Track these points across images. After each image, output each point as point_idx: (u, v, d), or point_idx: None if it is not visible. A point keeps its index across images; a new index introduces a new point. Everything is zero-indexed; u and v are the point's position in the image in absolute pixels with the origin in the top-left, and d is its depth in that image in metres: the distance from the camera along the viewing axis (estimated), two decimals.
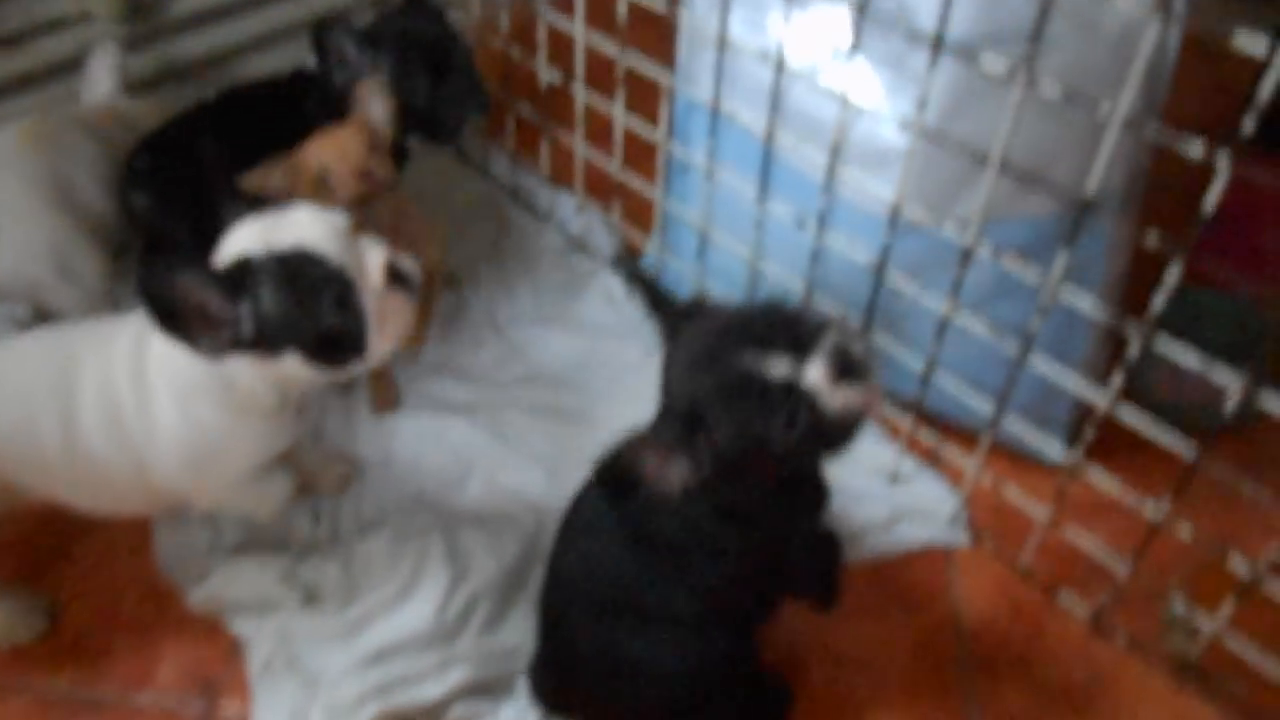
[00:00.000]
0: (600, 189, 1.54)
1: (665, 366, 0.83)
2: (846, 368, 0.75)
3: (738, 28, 1.15)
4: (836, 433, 0.78)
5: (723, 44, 1.15)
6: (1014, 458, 1.23)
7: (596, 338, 1.42)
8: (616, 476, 0.77)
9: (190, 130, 1.31)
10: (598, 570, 0.93)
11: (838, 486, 1.20)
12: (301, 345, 0.90)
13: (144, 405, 0.96)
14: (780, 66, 1.09)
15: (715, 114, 1.20)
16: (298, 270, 0.88)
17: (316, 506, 1.19)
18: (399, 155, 1.41)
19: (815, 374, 0.75)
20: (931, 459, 1.25)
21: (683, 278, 1.42)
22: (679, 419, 0.78)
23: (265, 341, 0.89)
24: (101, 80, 1.40)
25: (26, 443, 0.97)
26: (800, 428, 0.76)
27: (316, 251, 0.89)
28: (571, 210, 1.61)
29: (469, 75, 1.35)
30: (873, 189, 1.07)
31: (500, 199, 1.66)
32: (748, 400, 0.76)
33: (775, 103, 1.12)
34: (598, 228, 1.59)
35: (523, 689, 1.03)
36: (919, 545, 1.19)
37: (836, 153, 1.08)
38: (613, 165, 1.43)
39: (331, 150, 1.11)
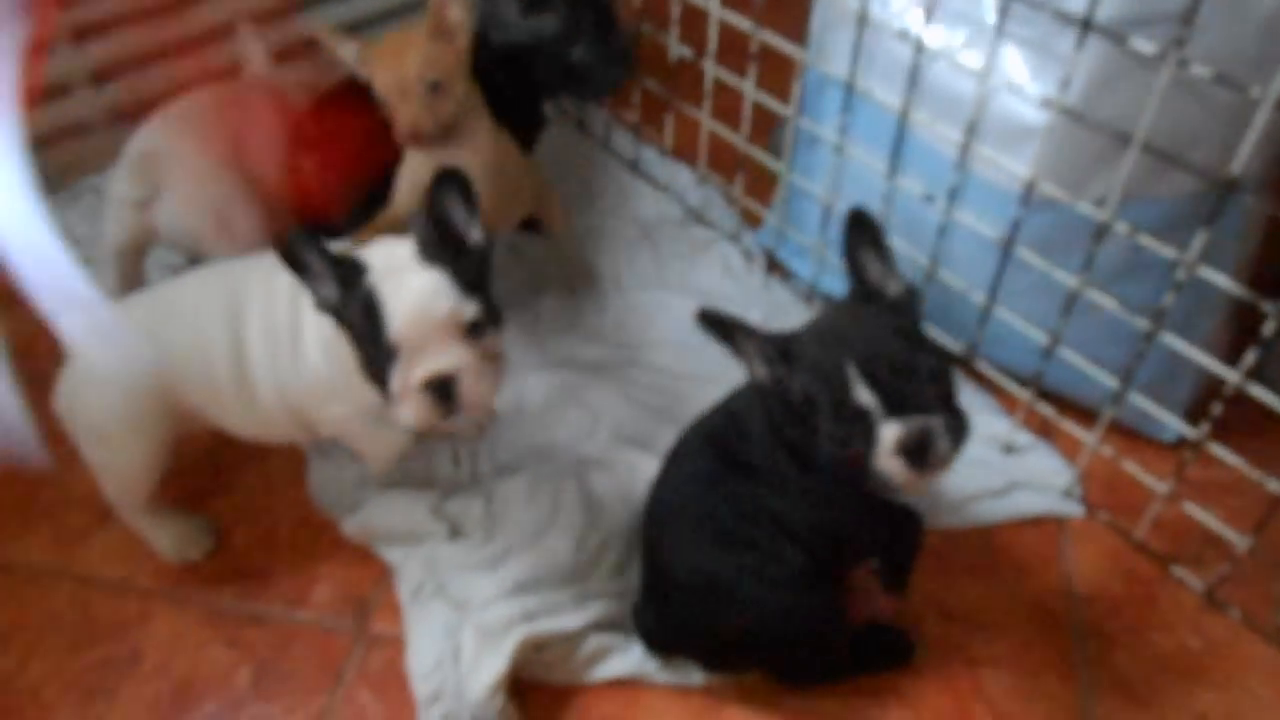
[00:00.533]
0: (721, 162, 1.59)
1: (819, 311, 0.90)
2: (917, 450, 0.82)
3: (877, 6, 1.19)
4: (873, 481, 0.85)
5: (862, 21, 1.19)
6: (1128, 433, 1.26)
7: (715, 305, 1.47)
8: (720, 324, 0.90)
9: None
10: (692, 495, 1.00)
11: None
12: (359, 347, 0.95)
13: (295, 338, 1.04)
14: (920, 46, 1.12)
15: (849, 91, 1.24)
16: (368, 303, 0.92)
17: (456, 450, 1.27)
18: (536, 122, 1.48)
19: (889, 434, 0.82)
20: (1047, 432, 1.29)
21: (802, 251, 1.47)
22: (780, 345, 0.89)
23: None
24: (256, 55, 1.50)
25: (202, 369, 1.06)
26: (843, 455, 0.84)
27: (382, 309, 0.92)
28: (690, 182, 1.66)
29: (624, 37, 1.39)
30: (1008, 165, 1.11)
31: (620, 170, 1.72)
32: (825, 394, 0.84)
33: (913, 80, 1.15)
34: (716, 200, 1.64)
35: None
36: (1032, 514, 1.22)
37: (972, 130, 1.12)
38: (738, 139, 1.47)
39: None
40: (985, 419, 1.29)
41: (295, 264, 0.93)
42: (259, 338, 1.05)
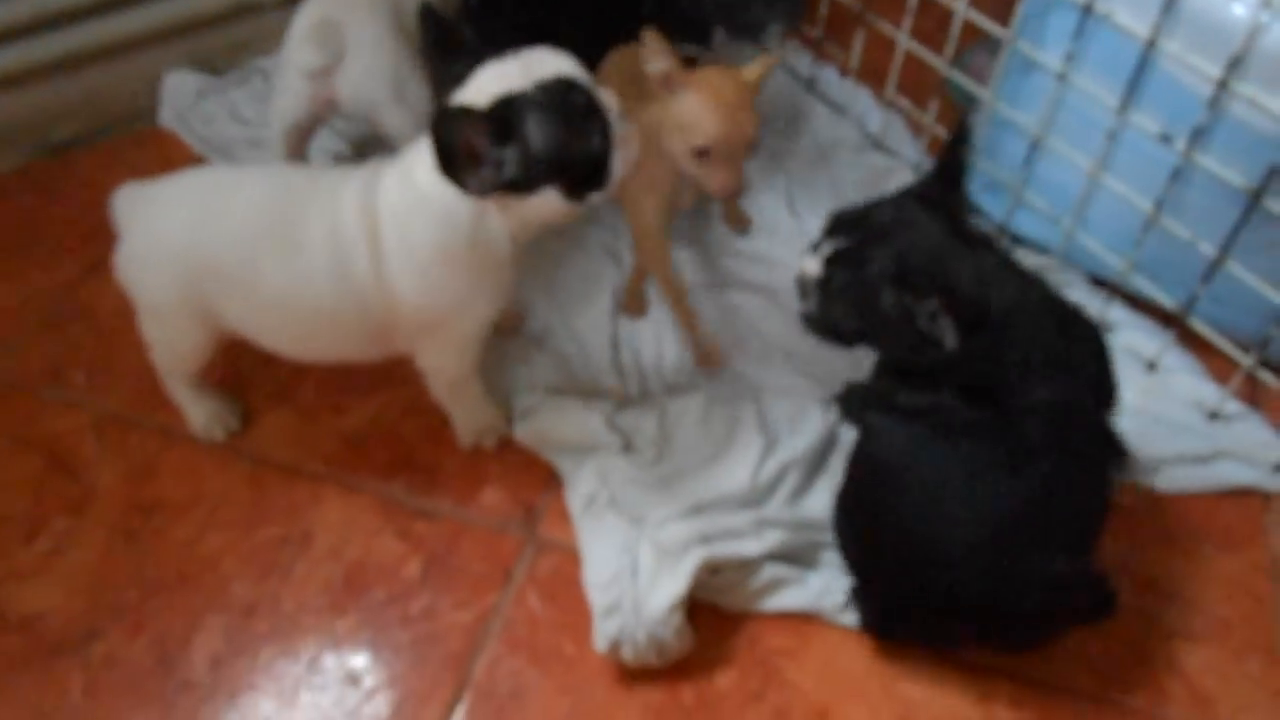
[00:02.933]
0: (908, 86, 1.50)
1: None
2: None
3: None
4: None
5: None
6: None
7: None
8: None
9: None
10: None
11: (1154, 415, 1.18)
12: (565, 175, 0.92)
13: (375, 246, 0.98)
14: None
15: (1086, 13, 1.14)
16: (565, 98, 0.90)
17: (621, 363, 1.24)
18: (703, 35, 1.41)
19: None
20: (1256, 402, 1.20)
21: (994, 186, 1.38)
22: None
23: (529, 178, 0.91)
24: None
25: (248, 281, 1.01)
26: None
27: (576, 79, 0.91)
28: (870, 106, 1.58)
29: None
30: (1272, 107, 1.00)
31: (794, 90, 1.64)
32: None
33: (1169, 5, 1.05)
34: (898, 126, 1.55)
35: (829, 562, 1.06)
36: (1235, 486, 1.14)
37: (1235, 65, 1.02)
38: (939, 61, 1.38)
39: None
40: (1190, 381, 1.20)
41: (502, 126, 0.89)
42: (322, 249, 0.99)
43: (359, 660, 1.01)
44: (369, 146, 1.54)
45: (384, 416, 1.21)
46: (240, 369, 1.23)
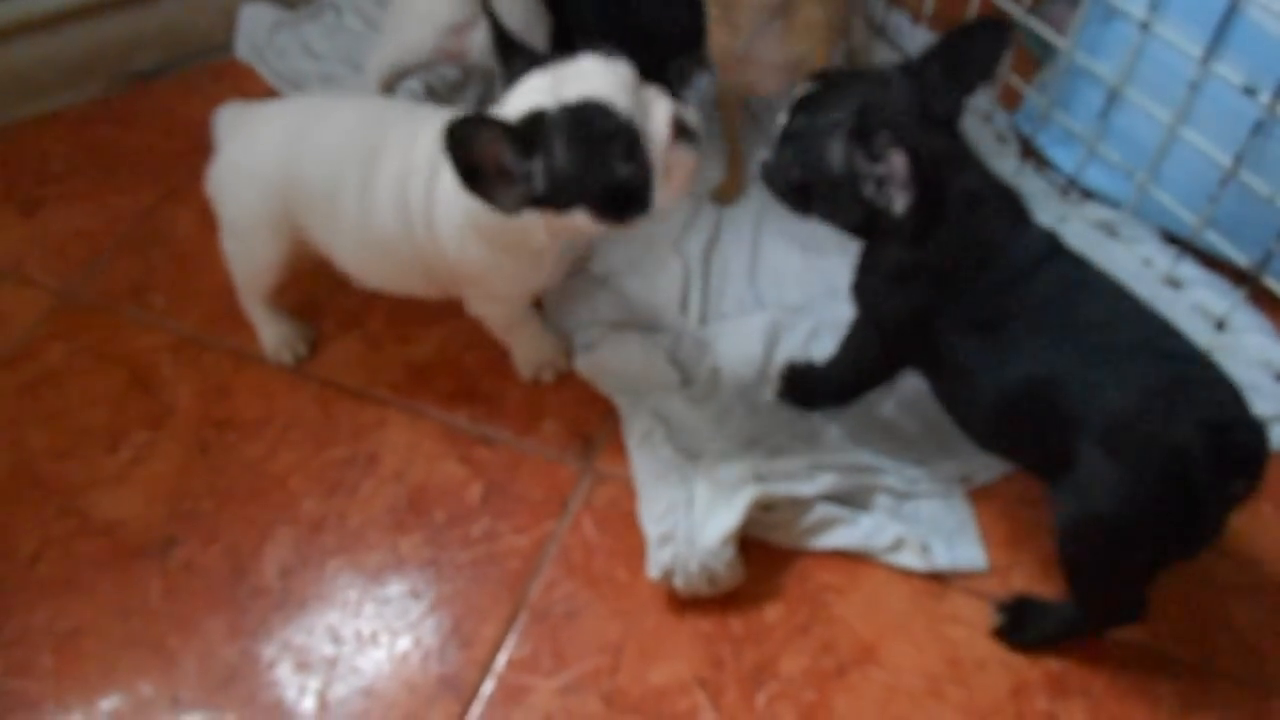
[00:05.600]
0: None
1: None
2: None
3: None
4: None
5: None
6: None
7: None
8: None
9: None
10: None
11: None
12: (590, 200, 0.90)
13: (432, 185, 1.00)
14: None
15: None
16: (588, 122, 0.87)
17: (685, 295, 1.26)
18: None
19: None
20: None
21: (1066, 138, 1.36)
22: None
23: (557, 197, 0.90)
24: None
25: (329, 202, 1.04)
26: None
27: (606, 102, 0.87)
28: None
29: None
30: None
31: (865, 34, 1.62)
32: None
33: None
34: None
35: (880, 505, 1.07)
36: None
37: None
38: (1016, 8, 1.35)
39: None
40: (1260, 341, 1.19)
41: (526, 141, 0.87)
42: (388, 187, 1.01)
43: (421, 577, 1.05)
44: (451, 90, 1.56)
45: (448, 347, 1.24)
46: (314, 296, 1.27)
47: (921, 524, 1.06)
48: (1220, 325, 1.20)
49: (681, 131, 0.91)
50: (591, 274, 1.29)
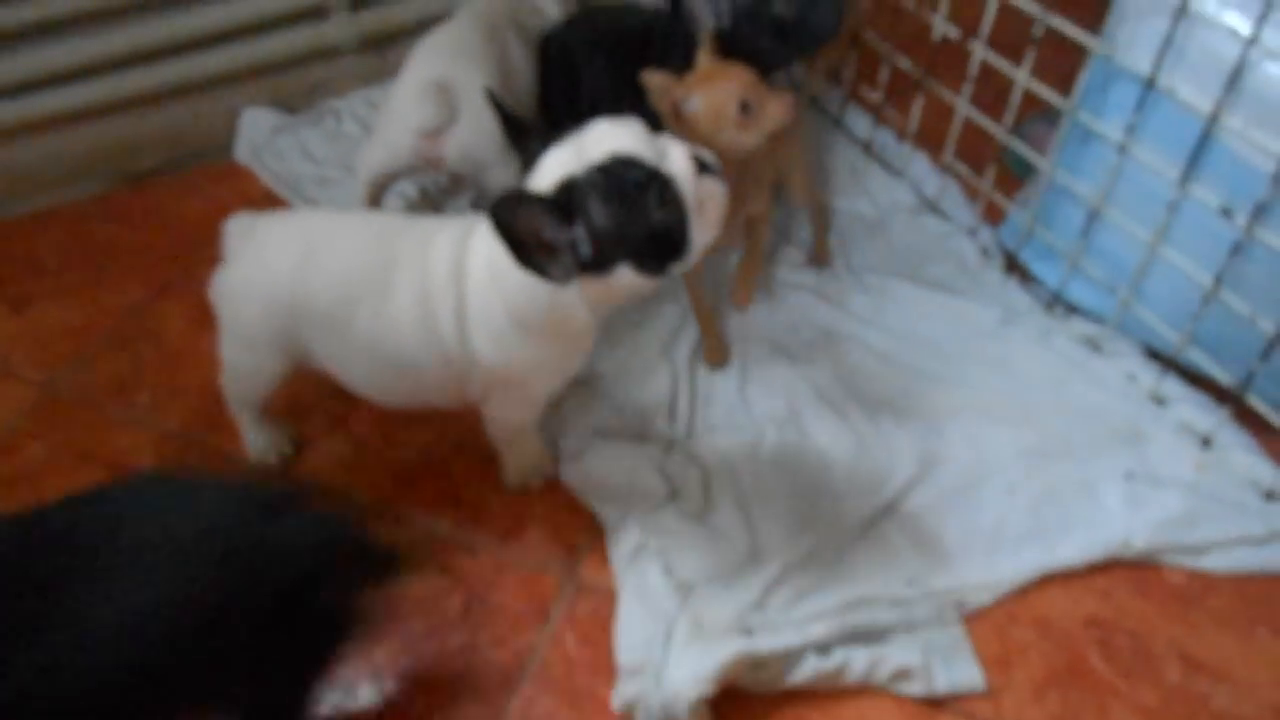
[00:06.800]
0: (965, 152, 1.51)
1: None
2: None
3: None
4: None
5: (1180, 13, 1.10)
6: None
7: (948, 299, 1.40)
8: None
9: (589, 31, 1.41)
10: None
11: (1208, 493, 1.16)
12: (634, 252, 0.90)
13: (461, 297, 0.99)
14: (1251, 41, 1.03)
15: (1149, 87, 1.15)
16: (619, 176, 0.88)
17: (674, 407, 1.25)
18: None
19: None
20: None
21: (1049, 254, 1.38)
22: None
23: (602, 258, 0.90)
24: None
25: (340, 321, 1.02)
26: None
27: (631, 154, 0.89)
28: (926, 171, 1.59)
29: None
30: None
31: (852, 151, 1.67)
32: None
33: (1233, 81, 1.06)
34: (953, 191, 1.56)
35: (875, 638, 1.04)
36: None
37: None
38: (999, 129, 1.40)
39: (749, 85, 1.13)
40: (1247, 460, 1.18)
41: (563, 209, 0.88)
42: (410, 298, 1.00)
43: (397, 691, 1.02)
44: (443, 194, 1.59)
45: (434, 450, 1.23)
46: (299, 397, 1.26)
47: (917, 650, 1.02)
48: (1206, 443, 1.21)
49: (702, 167, 0.93)
50: (579, 379, 1.28)
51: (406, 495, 1.19)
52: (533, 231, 0.87)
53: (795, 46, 1.34)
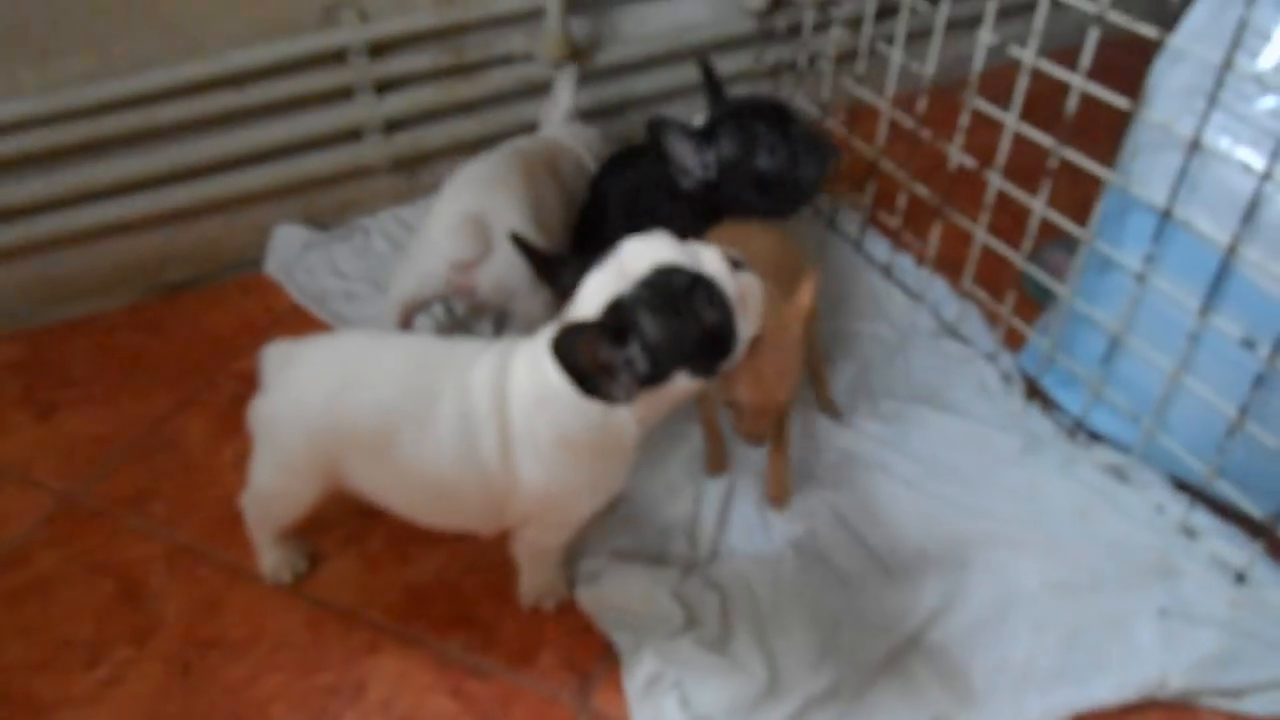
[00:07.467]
0: (984, 278, 1.53)
1: None
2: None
3: (1213, 131, 1.12)
4: None
5: (1194, 148, 1.12)
6: None
7: (970, 425, 1.39)
8: None
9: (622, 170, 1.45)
10: None
11: (1244, 630, 1.12)
12: (688, 357, 0.92)
13: (504, 437, 0.99)
14: (1266, 176, 1.04)
15: (1165, 219, 1.17)
16: (666, 286, 0.90)
17: (694, 529, 1.23)
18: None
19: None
20: None
21: (1070, 380, 1.38)
22: None
23: (658, 369, 0.91)
24: (564, 98, 1.59)
25: (380, 448, 1.02)
26: None
27: (672, 262, 0.91)
28: (945, 294, 1.61)
29: (810, 131, 1.35)
30: None
31: (871, 275, 1.68)
32: None
33: (1249, 216, 1.07)
34: (973, 316, 1.57)
35: None
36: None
37: None
38: (1017, 256, 1.41)
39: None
40: (1221, 545, 1.16)
41: (616, 331, 0.89)
42: (452, 425, 1.00)
43: None
44: (470, 315, 1.60)
45: (448, 570, 1.21)
46: (315, 513, 1.25)
47: None
48: (1240, 578, 1.17)
49: (734, 264, 0.95)
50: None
51: (418, 614, 1.16)
52: (592, 357, 0.88)
53: (780, 199, 1.36)
